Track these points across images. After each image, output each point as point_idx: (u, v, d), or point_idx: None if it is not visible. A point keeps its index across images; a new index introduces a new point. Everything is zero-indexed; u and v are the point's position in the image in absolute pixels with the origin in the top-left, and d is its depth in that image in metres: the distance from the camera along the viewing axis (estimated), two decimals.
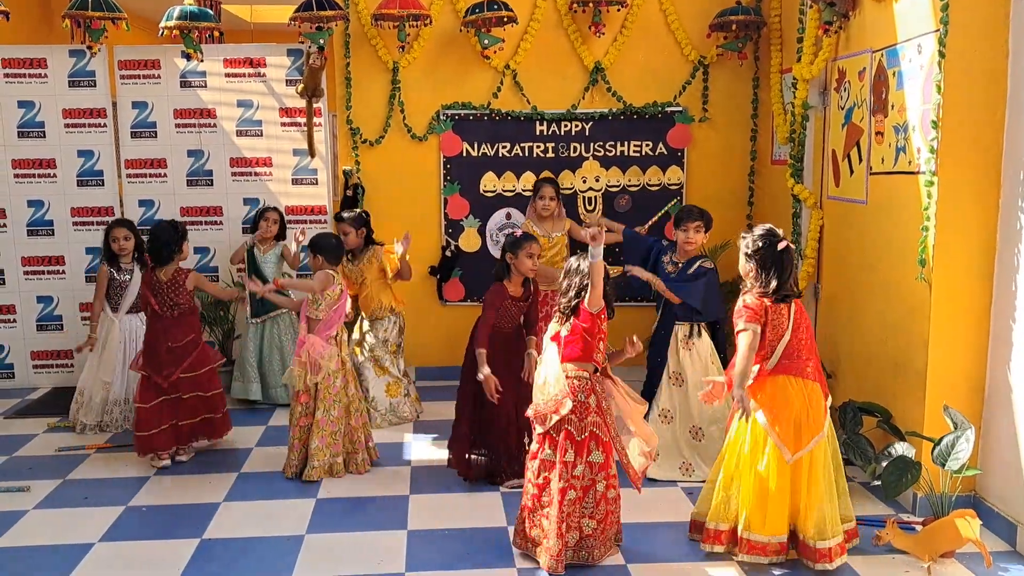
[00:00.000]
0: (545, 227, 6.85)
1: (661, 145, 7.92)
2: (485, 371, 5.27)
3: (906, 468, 4.78)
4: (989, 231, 4.90)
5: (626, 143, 7.92)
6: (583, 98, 7.85)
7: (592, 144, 7.91)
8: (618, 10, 7.55)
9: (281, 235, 7.29)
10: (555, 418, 4.44)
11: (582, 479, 4.46)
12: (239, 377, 7.24)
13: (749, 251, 4.56)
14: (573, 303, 4.50)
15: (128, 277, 6.60)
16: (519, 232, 5.54)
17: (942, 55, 4.79)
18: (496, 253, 7.94)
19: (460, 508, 5.30)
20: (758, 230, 4.59)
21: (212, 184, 7.77)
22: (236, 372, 7.28)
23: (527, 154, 7.92)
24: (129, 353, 6.51)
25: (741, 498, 4.53)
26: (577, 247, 6.75)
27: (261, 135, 7.75)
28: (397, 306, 6.90)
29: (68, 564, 4.59)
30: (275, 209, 7.32)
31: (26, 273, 7.80)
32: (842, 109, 6.17)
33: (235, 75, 7.70)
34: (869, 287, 5.78)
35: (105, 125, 7.71)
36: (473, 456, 5.67)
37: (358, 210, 7.07)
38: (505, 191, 7.95)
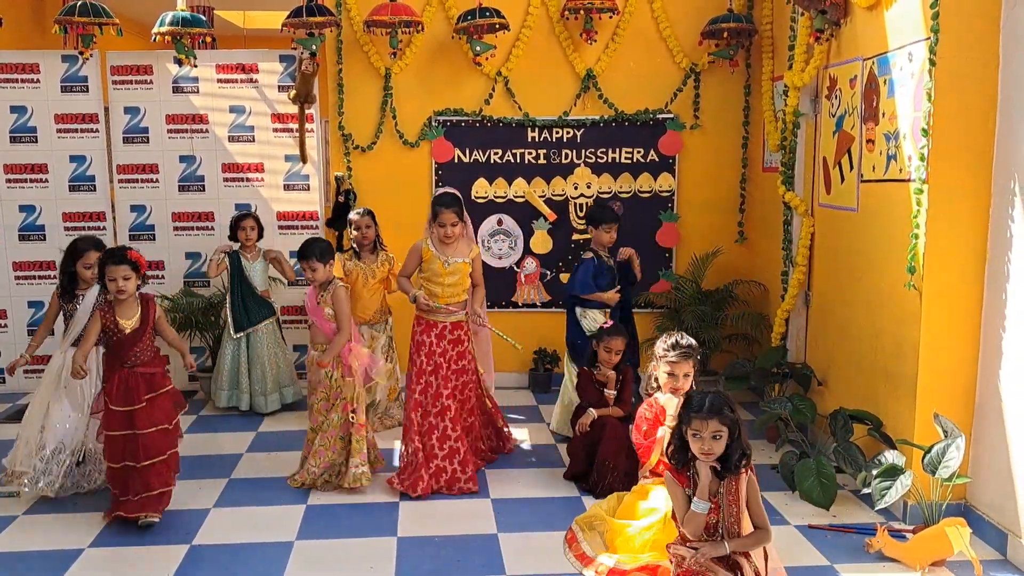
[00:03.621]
0: (447, 252, 5.77)
1: (652, 152, 7.93)
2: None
3: (896, 476, 4.79)
4: (980, 239, 4.92)
5: (618, 150, 7.93)
6: (575, 105, 7.86)
7: (584, 151, 7.91)
8: (610, 17, 7.57)
9: (260, 236, 7.33)
10: None
11: None
12: (224, 386, 7.26)
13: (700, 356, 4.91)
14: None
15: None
16: (608, 323, 6.00)
17: (933, 63, 4.81)
18: (488, 260, 7.96)
19: (450, 515, 5.29)
20: (680, 336, 4.88)
21: (204, 189, 7.77)
22: (219, 380, 7.30)
23: (519, 160, 7.92)
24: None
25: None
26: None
27: (253, 141, 7.75)
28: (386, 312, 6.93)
29: (58, 569, 4.58)
30: (249, 215, 7.30)
31: (17, 278, 7.79)
32: (833, 117, 6.18)
33: (227, 81, 7.70)
34: (860, 294, 5.79)
35: (97, 130, 7.71)
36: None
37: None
38: (497, 197, 7.95)
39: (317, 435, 5.65)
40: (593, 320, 6.43)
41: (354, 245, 6.78)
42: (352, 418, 5.62)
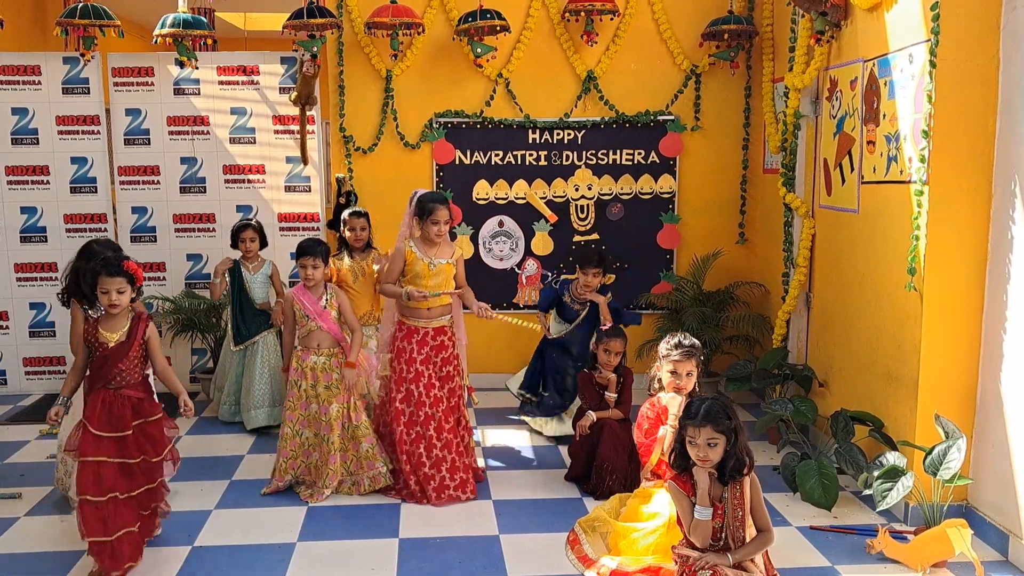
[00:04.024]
0: (430, 253, 5.63)
1: (653, 153, 7.93)
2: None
3: (898, 478, 4.78)
4: (981, 240, 4.92)
5: (618, 151, 7.93)
6: (575, 106, 7.87)
7: (584, 152, 7.92)
8: (611, 19, 7.57)
9: (263, 245, 7.07)
10: None
11: None
12: (229, 402, 7.05)
13: (702, 356, 4.92)
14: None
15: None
16: (606, 326, 5.98)
17: (933, 65, 4.81)
18: (489, 261, 7.98)
19: (451, 517, 5.30)
20: (683, 336, 4.88)
21: (205, 191, 7.78)
22: (215, 390, 7.22)
23: (520, 162, 7.93)
24: None
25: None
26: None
27: (254, 142, 7.76)
28: (379, 313, 6.69)
29: (59, 571, 4.58)
30: (249, 226, 6.98)
31: (19, 279, 7.80)
32: (834, 118, 6.19)
33: (228, 83, 7.71)
34: (861, 296, 5.79)
35: (98, 132, 7.72)
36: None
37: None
38: (498, 199, 7.96)
39: (341, 446, 5.56)
40: (558, 325, 6.86)
41: (345, 244, 6.67)
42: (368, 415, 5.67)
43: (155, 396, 4.73)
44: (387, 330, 5.85)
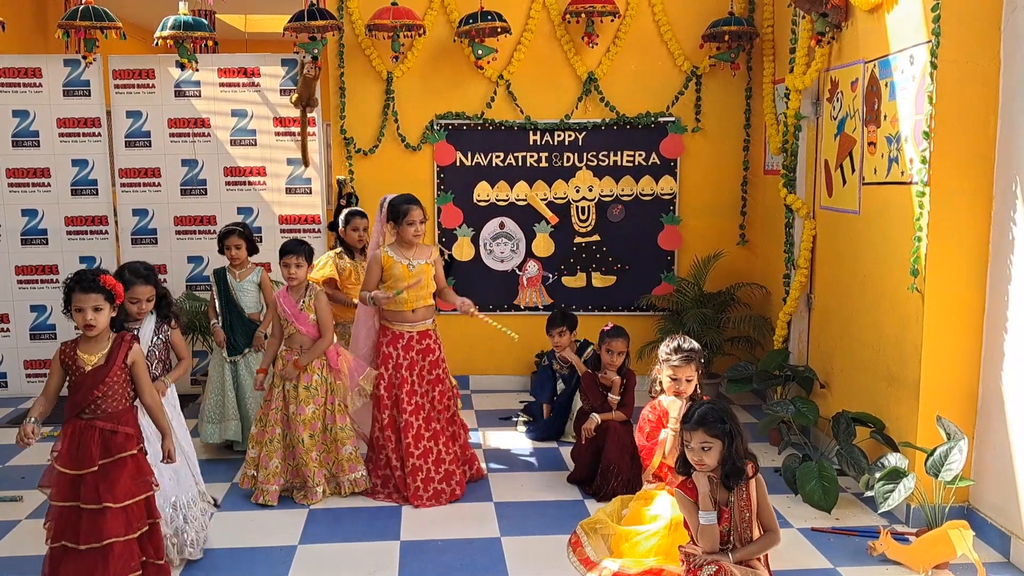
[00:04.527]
0: (408, 255, 5.58)
1: (654, 155, 7.93)
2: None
3: (899, 479, 4.78)
4: (982, 241, 4.92)
5: (619, 153, 7.93)
6: (576, 108, 7.87)
7: (585, 154, 7.92)
8: (611, 20, 7.57)
9: (252, 251, 6.51)
10: None
11: None
12: (214, 419, 6.32)
13: (703, 360, 4.94)
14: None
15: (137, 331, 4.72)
16: (609, 325, 5.89)
17: (934, 66, 4.81)
18: (490, 263, 7.98)
19: (453, 518, 5.29)
20: (683, 340, 4.86)
21: (206, 193, 7.78)
22: (207, 414, 6.36)
23: (520, 163, 7.93)
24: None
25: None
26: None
27: (255, 144, 7.76)
28: None
29: None
30: (234, 232, 6.37)
31: (20, 282, 7.81)
32: (835, 119, 6.19)
33: (229, 85, 7.71)
34: (862, 297, 5.79)
35: (99, 134, 7.72)
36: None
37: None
38: (499, 200, 7.96)
39: (313, 446, 5.53)
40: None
41: (342, 245, 6.60)
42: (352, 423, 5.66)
43: (141, 434, 4.18)
44: (363, 344, 5.77)
